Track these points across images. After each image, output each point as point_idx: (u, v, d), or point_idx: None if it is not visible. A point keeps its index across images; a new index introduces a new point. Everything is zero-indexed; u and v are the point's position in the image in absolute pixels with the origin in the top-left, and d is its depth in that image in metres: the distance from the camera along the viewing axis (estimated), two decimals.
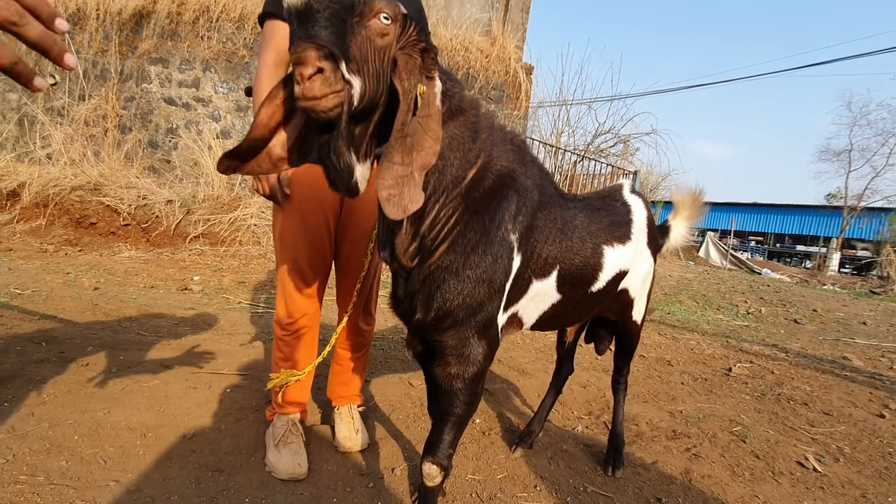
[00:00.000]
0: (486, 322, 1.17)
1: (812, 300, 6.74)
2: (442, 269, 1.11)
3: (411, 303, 1.17)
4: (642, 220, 1.59)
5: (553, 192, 1.33)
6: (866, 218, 18.37)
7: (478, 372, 1.19)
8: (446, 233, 1.09)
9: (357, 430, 1.75)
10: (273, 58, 1.53)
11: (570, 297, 1.38)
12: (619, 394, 1.88)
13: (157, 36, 5.61)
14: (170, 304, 3.42)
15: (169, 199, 5.16)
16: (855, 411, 2.79)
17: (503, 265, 1.15)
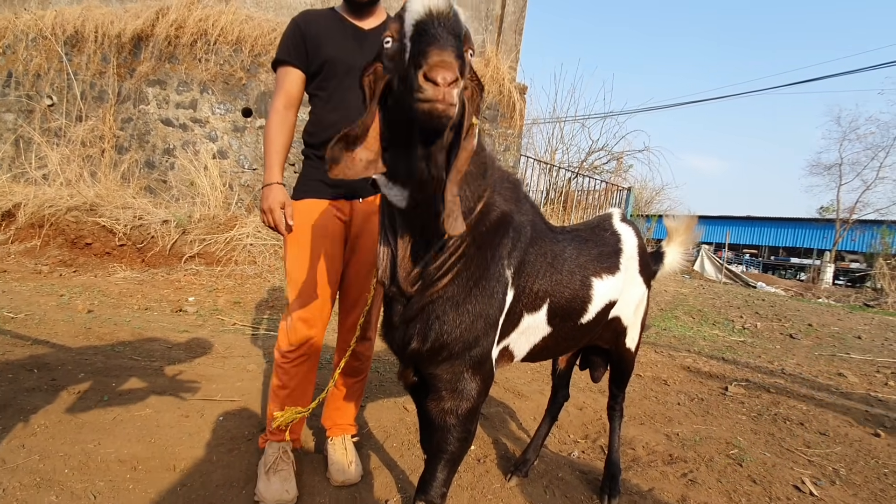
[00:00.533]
0: (482, 357, 1.16)
1: (807, 314, 6.76)
2: (444, 299, 1.10)
3: (406, 331, 1.15)
4: (633, 249, 1.60)
5: (543, 226, 1.35)
6: (858, 230, 18.54)
7: (472, 408, 1.17)
8: (452, 263, 1.09)
9: (350, 462, 1.73)
10: (283, 102, 1.61)
11: (560, 329, 1.39)
12: (615, 420, 1.88)
13: (155, 58, 5.67)
14: (164, 327, 3.40)
15: (165, 219, 5.16)
16: (851, 431, 2.79)
17: (499, 300, 1.16)
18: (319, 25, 1.61)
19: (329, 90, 1.62)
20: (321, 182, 1.63)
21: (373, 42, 1.62)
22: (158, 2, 5.80)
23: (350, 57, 1.59)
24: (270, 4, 5.95)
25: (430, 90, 0.77)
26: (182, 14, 5.56)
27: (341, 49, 1.60)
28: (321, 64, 1.60)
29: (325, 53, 1.59)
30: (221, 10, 5.59)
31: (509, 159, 6.80)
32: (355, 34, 1.63)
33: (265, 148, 1.61)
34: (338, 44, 1.60)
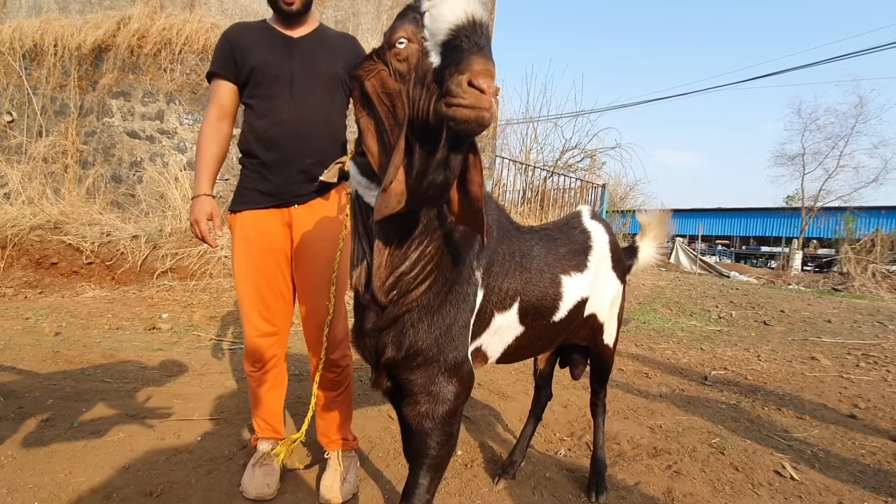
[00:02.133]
0: (458, 360, 1.15)
1: (779, 301, 6.96)
2: (420, 307, 1.10)
3: (380, 339, 1.14)
4: (604, 246, 1.62)
5: (509, 226, 1.35)
6: (823, 217, 19.23)
7: (450, 411, 1.14)
8: (429, 271, 1.08)
9: (343, 479, 1.70)
10: (216, 113, 1.64)
11: (533, 328, 1.39)
12: (599, 417, 1.89)
13: (117, 69, 5.51)
14: (136, 346, 3.29)
15: (134, 234, 5.01)
16: (826, 413, 2.87)
17: (471, 302, 1.16)
18: (248, 37, 1.64)
19: (258, 98, 1.63)
20: (255, 191, 1.63)
21: (302, 49, 1.64)
22: (119, 12, 5.65)
23: (278, 64, 1.61)
24: (236, 11, 5.85)
25: (473, 97, 0.76)
26: (144, 23, 5.43)
27: (269, 56, 1.61)
28: (249, 72, 1.61)
29: (252, 62, 1.60)
30: (186, 18, 5.47)
31: (484, 161, 6.82)
32: (284, 42, 1.64)
33: (196, 159, 1.65)
34: (265, 52, 1.61)
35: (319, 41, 1.68)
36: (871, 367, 3.96)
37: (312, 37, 1.68)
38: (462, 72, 0.76)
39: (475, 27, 0.81)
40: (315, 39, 1.67)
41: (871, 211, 18.04)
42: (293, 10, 1.60)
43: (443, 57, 0.83)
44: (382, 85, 0.94)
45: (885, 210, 18.78)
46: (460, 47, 0.80)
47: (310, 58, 1.63)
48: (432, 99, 0.83)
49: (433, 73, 0.83)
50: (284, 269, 1.67)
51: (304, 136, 1.60)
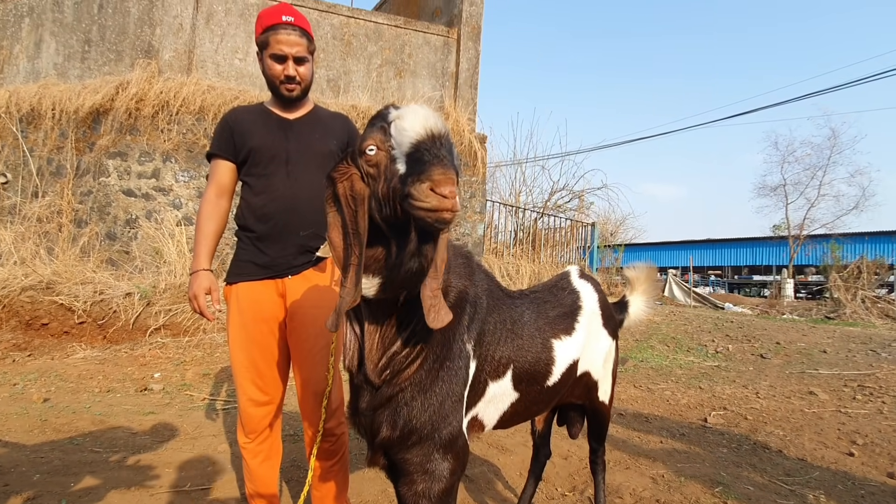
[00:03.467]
0: (453, 435, 1.16)
1: (774, 332, 6.98)
2: (412, 385, 1.12)
3: (374, 419, 1.15)
4: (593, 304, 1.64)
5: (500, 293, 1.38)
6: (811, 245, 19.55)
7: (446, 489, 1.14)
8: (419, 350, 1.12)
9: None
10: (215, 191, 1.72)
11: (528, 393, 1.40)
12: (598, 475, 1.86)
13: (115, 131, 5.65)
14: (127, 410, 3.23)
15: (128, 291, 5.00)
16: (826, 452, 2.86)
17: (463, 376, 1.18)
18: (246, 120, 1.73)
19: (254, 176, 1.72)
20: (251, 263, 1.69)
21: (298, 131, 1.73)
22: (118, 77, 5.86)
23: (275, 145, 1.70)
24: (232, 73, 6.09)
25: (435, 200, 0.84)
26: (143, 87, 5.62)
27: (266, 138, 1.70)
28: (248, 153, 1.70)
29: (250, 143, 1.69)
30: (183, 81, 5.68)
31: (476, 205, 6.97)
32: (280, 124, 1.73)
33: (195, 235, 1.71)
34: (263, 134, 1.71)
35: (314, 122, 1.78)
36: (867, 398, 3.96)
37: (307, 118, 1.78)
38: (422, 181, 0.85)
39: (435, 140, 0.90)
40: (310, 121, 1.77)
41: (854, 237, 18.40)
42: (294, 96, 1.70)
43: (407, 166, 0.91)
44: (351, 188, 1.02)
45: (868, 236, 19.18)
46: (422, 159, 0.88)
47: (305, 138, 1.73)
48: (399, 199, 0.91)
49: (399, 178, 0.91)
50: (279, 339, 1.69)
51: (299, 210, 1.67)
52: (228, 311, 1.71)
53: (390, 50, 6.64)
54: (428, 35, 6.85)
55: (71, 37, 6.25)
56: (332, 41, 6.42)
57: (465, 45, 6.83)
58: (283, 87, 1.68)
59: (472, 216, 6.90)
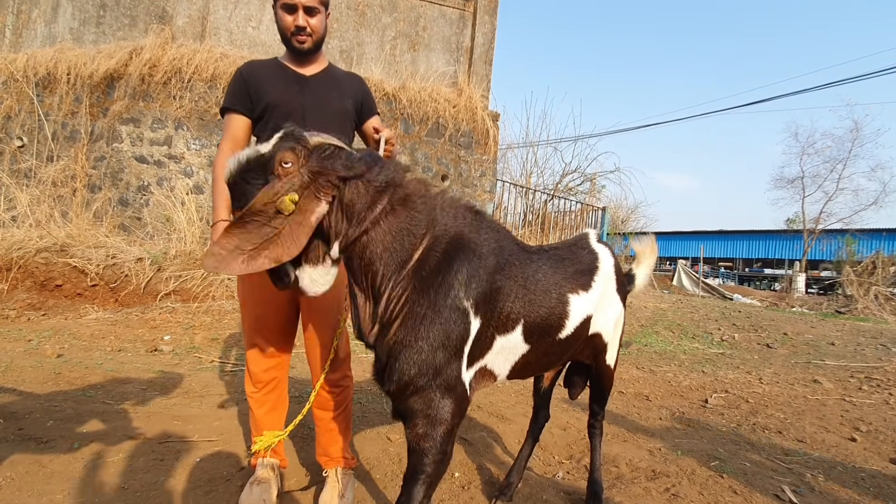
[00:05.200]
0: (449, 383, 1.23)
1: (782, 323, 6.93)
2: (397, 342, 1.21)
3: (381, 375, 1.28)
4: (609, 268, 1.67)
5: (514, 249, 1.42)
6: (825, 240, 19.22)
7: (446, 430, 1.23)
8: (398, 310, 1.21)
9: (341, 495, 1.73)
10: (230, 145, 1.71)
11: (540, 345, 1.45)
12: (596, 438, 1.90)
13: (128, 97, 5.67)
14: (138, 368, 3.31)
15: (139, 256, 5.07)
16: (827, 437, 2.85)
17: (457, 331, 1.23)
18: (262, 74, 1.72)
19: (269, 132, 1.69)
20: None
21: (314, 87, 1.74)
22: (132, 42, 5.85)
23: (291, 101, 1.70)
24: (245, 42, 6.05)
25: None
26: (156, 53, 5.61)
27: (282, 94, 1.70)
28: (263, 108, 1.70)
29: (266, 98, 1.69)
30: (196, 48, 5.66)
31: (486, 184, 6.92)
32: (296, 80, 1.73)
33: (213, 188, 1.70)
34: (279, 89, 1.70)
35: (330, 80, 1.78)
36: (873, 390, 3.93)
37: (323, 75, 1.78)
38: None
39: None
40: (325, 78, 1.78)
41: (871, 233, 18.03)
42: (305, 48, 1.70)
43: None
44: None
45: (886, 232, 18.78)
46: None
47: (321, 95, 1.73)
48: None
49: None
50: (289, 295, 1.71)
51: None
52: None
53: (405, 22, 6.54)
54: (444, 7, 6.73)
55: (87, 1, 6.23)
56: (346, 10, 6.34)
57: (482, 19, 6.71)
58: (294, 39, 1.68)
59: (482, 195, 6.86)
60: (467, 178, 6.70)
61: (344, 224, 1.19)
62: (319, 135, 1.21)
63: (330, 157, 1.17)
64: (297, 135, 1.17)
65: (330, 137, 1.22)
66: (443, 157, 6.52)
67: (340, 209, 1.18)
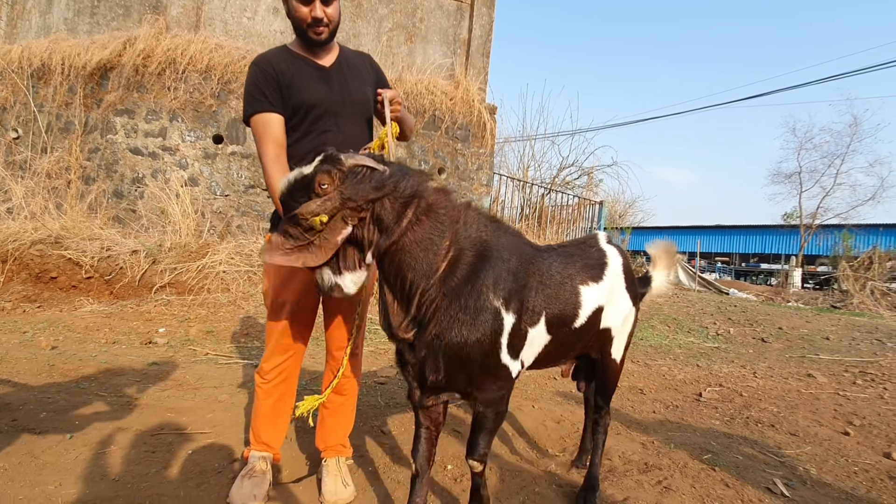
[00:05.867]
0: (494, 365, 1.43)
1: (777, 318, 6.95)
2: (436, 338, 1.36)
3: (420, 367, 1.43)
4: (618, 266, 1.78)
5: (529, 250, 1.57)
6: (822, 235, 19.26)
7: (496, 398, 1.48)
8: (432, 312, 1.36)
9: (345, 483, 1.77)
10: (274, 150, 1.62)
11: (558, 335, 1.60)
12: (599, 436, 1.94)
13: (122, 88, 5.62)
14: (132, 360, 3.30)
15: (134, 248, 5.05)
16: (820, 430, 2.86)
17: (492, 327, 1.39)
18: (288, 71, 1.64)
19: (308, 133, 1.67)
20: None
21: (337, 80, 1.71)
22: (126, 32, 5.79)
23: (323, 101, 1.67)
24: (240, 32, 6.00)
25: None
26: (150, 44, 5.55)
27: (316, 93, 1.66)
28: (295, 108, 1.65)
29: (299, 97, 1.63)
30: (190, 38, 5.60)
31: (482, 177, 6.90)
32: (321, 75, 1.69)
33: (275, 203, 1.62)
34: (311, 88, 1.65)
35: (348, 68, 1.75)
36: (867, 384, 3.95)
37: (341, 65, 1.74)
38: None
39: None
40: (344, 67, 1.74)
41: (868, 228, 18.05)
42: (322, 39, 1.64)
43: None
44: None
45: (883, 228, 18.80)
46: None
47: (346, 89, 1.71)
48: None
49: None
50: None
51: None
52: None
53: (402, 13, 6.49)
54: None
55: None
56: (342, 1, 6.28)
57: (479, 11, 6.66)
58: (310, 31, 1.61)
59: (479, 189, 6.85)
60: (464, 172, 6.68)
61: (375, 235, 1.32)
62: (355, 156, 1.33)
63: (361, 182, 1.30)
64: (334, 157, 1.30)
65: (365, 158, 1.33)
66: (439, 150, 6.49)
67: (372, 222, 1.32)
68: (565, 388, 3.37)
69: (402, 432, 2.42)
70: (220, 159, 5.72)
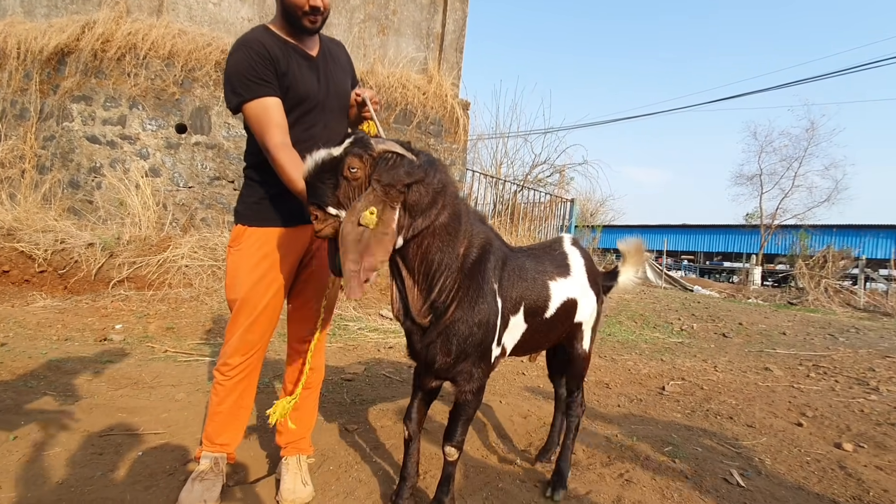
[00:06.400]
0: (485, 351, 1.57)
1: (738, 314, 7.20)
2: (456, 321, 1.47)
3: (429, 351, 1.51)
4: (580, 266, 1.96)
5: (506, 249, 1.70)
6: (781, 235, 20.06)
7: (480, 386, 1.60)
8: (453, 296, 1.45)
9: (304, 482, 1.73)
10: (280, 136, 1.53)
11: (533, 324, 1.75)
12: (572, 422, 2.05)
13: (80, 73, 5.35)
14: (85, 358, 3.15)
15: (90, 241, 4.83)
16: (775, 422, 2.97)
17: (494, 309, 1.55)
18: (281, 57, 1.57)
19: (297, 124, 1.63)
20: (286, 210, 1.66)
21: (324, 71, 1.68)
22: (85, 16, 5.51)
23: (316, 93, 1.65)
24: (205, 18, 5.79)
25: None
26: (109, 28, 5.31)
27: (308, 85, 1.62)
28: (292, 98, 1.60)
29: (296, 88, 1.59)
30: (152, 23, 5.38)
31: (455, 173, 6.89)
32: (310, 65, 1.65)
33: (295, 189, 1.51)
34: (304, 79, 1.62)
35: (330, 59, 1.72)
36: (820, 377, 4.12)
37: (324, 55, 1.71)
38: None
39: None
40: (326, 56, 1.72)
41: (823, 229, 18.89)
42: (316, 27, 1.61)
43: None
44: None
45: (837, 228, 19.68)
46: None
47: (333, 80, 1.70)
48: None
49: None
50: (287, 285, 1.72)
51: None
52: (245, 250, 1.65)
53: (374, 4, 6.39)
54: None
55: None
56: None
57: (453, 6, 6.62)
58: (306, 19, 1.56)
59: None
60: None
61: (407, 219, 1.35)
62: (384, 141, 1.34)
63: (395, 167, 1.31)
64: (365, 142, 1.31)
65: (392, 144, 1.35)
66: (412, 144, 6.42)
67: (404, 208, 1.33)
68: (533, 384, 3.40)
69: (366, 430, 2.39)
70: (184, 149, 5.52)
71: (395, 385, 3.15)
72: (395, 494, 1.69)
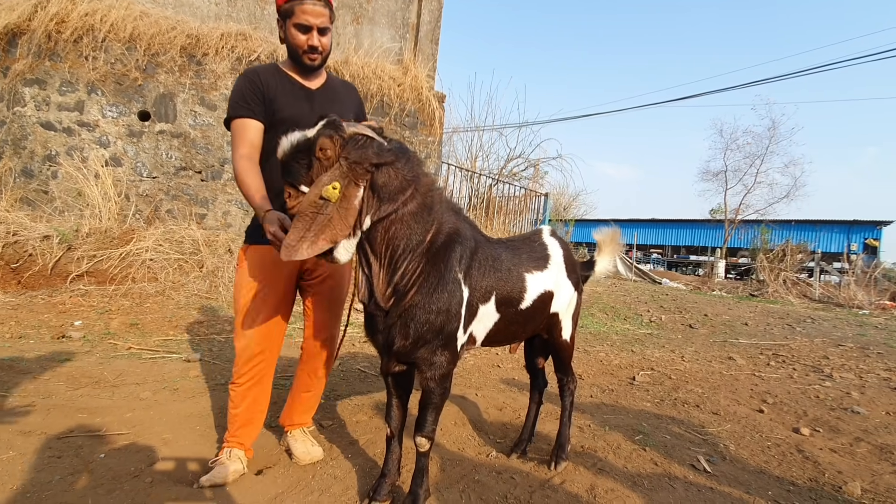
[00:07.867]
0: (448, 338, 1.57)
1: (704, 306, 7.45)
2: (414, 306, 1.49)
3: (389, 334, 1.53)
4: (559, 257, 1.98)
5: (482, 238, 1.73)
6: (744, 229, 20.84)
7: (444, 374, 1.59)
8: (414, 280, 1.48)
9: (313, 444, 1.97)
10: (247, 150, 1.73)
11: (507, 315, 1.76)
12: (566, 399, 2.18)
13: (32, 55, 5.04)
14: (41, 357, 2.99)
15: (45, 234, 4.58)
16: (738, 409, 3.08)
17: (457, 298, 1.55)
18: (273, 84, 1.76)
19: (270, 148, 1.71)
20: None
21: (320, 102, 1.82)
22: None
23: (302, 118, 1.72)
24: (169, 1, 5.55)
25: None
26: (64, 7, 5.01)
27: (294, 110, 1.76)
28: (278, 122, 1.73)
29: (281, 112, 1.75)
30: (112, 4, 5.11)
31: (430, 166, 6.84)
32: (305, 95, 1.82)
33: (245, 191, 1.67)
34: (292, 104, 1.77)
35: (333, 94, 1.88)
36: (779, 365, 4.31)
37: (326, 89, 1.87)
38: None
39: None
40: (329, 92, 1.87)
41: (783, 224, 19.74)
42: (316, 65, 1.79)
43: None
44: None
45: (795, 223, 20.61)
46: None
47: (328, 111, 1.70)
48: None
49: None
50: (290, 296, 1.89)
51: None
52: (247, 267, 1.80)
53: None
54: None
55: None
56: None
57: None
58: (305, 57, 1.75)
59: None
60: None
61: (375, 202, 1.39)
62: (355, 125, 1.40)
63: (363, 147, 1.36)
64: (336, 124, 1.36)
65: (363, 127, 1.40)
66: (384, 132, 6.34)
67: (371, 190, 1.38)
68: (509, 376, 3.43)
69: (341, 426, 2.35)
70: (147, 138, 5.29)
71: (370, 380, 3.12)
72: (373, 490, 1.69)
